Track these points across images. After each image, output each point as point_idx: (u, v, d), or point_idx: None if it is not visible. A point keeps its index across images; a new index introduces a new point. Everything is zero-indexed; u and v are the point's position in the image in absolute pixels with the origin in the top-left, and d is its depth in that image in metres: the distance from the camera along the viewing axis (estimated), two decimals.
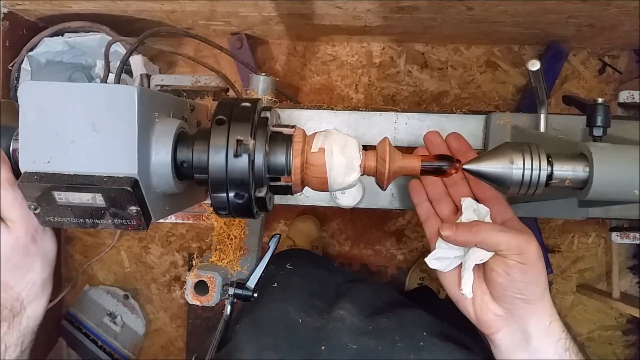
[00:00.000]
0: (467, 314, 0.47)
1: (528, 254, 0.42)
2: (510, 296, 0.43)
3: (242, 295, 0.56)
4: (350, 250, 1.37)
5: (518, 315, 0.44)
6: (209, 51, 1.28)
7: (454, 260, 0.48)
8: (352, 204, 0.66)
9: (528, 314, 0.44)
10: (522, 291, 0.43)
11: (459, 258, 0.47)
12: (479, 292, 0.46)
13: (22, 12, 1.06)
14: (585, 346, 1.36)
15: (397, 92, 1.28)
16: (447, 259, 0.48)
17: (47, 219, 0.41)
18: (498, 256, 0.43)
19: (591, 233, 1.31)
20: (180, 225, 1.40)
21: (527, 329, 0.44)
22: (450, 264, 0.48)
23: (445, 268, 0.48)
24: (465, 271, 0.46)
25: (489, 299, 0.46)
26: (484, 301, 0.46)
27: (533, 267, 0.42)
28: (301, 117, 0.68)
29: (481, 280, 0.46)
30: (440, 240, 0.46)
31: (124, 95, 0.37)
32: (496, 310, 0.45)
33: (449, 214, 0.51)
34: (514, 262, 0.42)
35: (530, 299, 0.43)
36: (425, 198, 0.53)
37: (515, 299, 0.43)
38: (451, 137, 0.53)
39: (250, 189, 0.40)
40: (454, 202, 0.51)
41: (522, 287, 0.43)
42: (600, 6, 0.87)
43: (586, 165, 0.42)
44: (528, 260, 0.42)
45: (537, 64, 0.49)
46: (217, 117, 0.40)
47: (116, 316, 1.41)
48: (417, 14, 0.98)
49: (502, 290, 0.44)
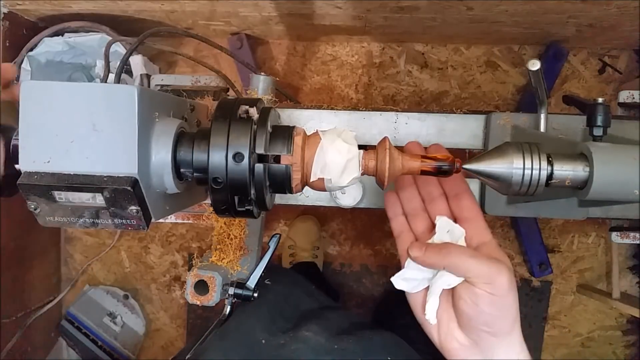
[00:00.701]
0: (432, 339, 0.45)
1: (498, 284, 0.39)
2: (476, 328, 0.41)
3: (242, 295, 0.56)
4: (350, 250, 1.37)
5: (483, 348, 0.42)
6: (209, 51, 1.28)
7: (422, 281, 0.45)
8: (352, 204, 0.66)
9: (494, 347, 0.41)
10: (489, 323, 0.40)
11: (427, 280, 0.45)
12: (445, 318, 0.44)
13: (22, 12, 1.06)
14: (585, 346, 1.36)
15: (397, 92, 1.28)
16: (414, 280, 0.45)
17: (47, 219, 0.41)
18: (467, 283, 0.41)
19: (591, 233, 1.31)
20: (180, 225, 1.40)
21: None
22: (418, 285, 0.45)
23: (412, 289, 0.46)
24: (431, 295, 0.44)
25: (455, 326, 0.43)
26: (449, 328, 0.43)
27: (502, 299, 0.40)
28: (301, 117, 0.68)
29: (449, 305, 0.44)
30: (410, 259, 0.44)
31: (124, 95, 0.37)
32: (461, 339, 0.43)
33: (424, 231, 0.48)
34: (482, 292, 0.40)
35: (497, 332, 0.41)
36: (401, 212, 0.50)
37: (482, 331, 0.41)
38: (432, 148, 0.50)
39: (250, 188, 0.40)
40: (430, 219, 0.48)
41: (489, 319, 0.40)
42: (600, 6, 0.87)
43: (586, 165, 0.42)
44: (497, 291, 0.39)
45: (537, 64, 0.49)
46: (217, 117, 0.40)
47: (116, 316, 1.41)
48: (417, 14, 0.98)
49: (468, 320, 0.41)
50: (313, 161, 0.41)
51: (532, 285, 1.33)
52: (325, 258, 1.37)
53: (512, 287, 0.40)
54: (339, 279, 1.38)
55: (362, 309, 1.38)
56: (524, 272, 1.33)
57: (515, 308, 0.41)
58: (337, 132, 0.42)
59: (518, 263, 1.33)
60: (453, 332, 0.43)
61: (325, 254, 1.37)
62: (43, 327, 1.36)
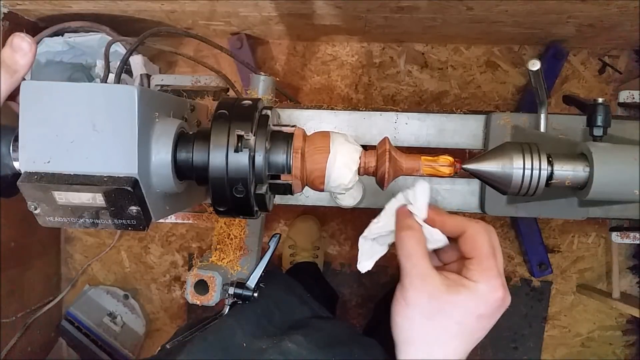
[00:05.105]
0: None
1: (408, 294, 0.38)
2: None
3: (242, 295, 0.56)
4: (350, 250, 1.37)
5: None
6: (209, 51, 1.28)
7: (380, 252, 0.44)
8: (352, 204, 0.66)
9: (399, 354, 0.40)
10: (394, 330, 0.39)
11: (383, 250, 0.44)
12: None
13: (22, 12, 1.06)
14: (585, 346, 1.36)
15: (397, 92, 1.28)
16: (372, 254, 0.44)
17: (47, 219, 0.41)
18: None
19: (591, 233, 1.31)
20: (180, 225, 1.40)
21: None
22: (374, 255, 0.44)
23: (372, 263, 0.45)
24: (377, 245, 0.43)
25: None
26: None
27: (406, 310, 0.38)
28: (301, 117, 0.68)
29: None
30: (362, 238, 0.43)
31: (124, 95, 0.37)
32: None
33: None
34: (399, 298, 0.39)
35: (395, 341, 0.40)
36: None
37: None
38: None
39: (250, 186, 0.40)
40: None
41: (394, 326, 0.39)
42: (600, 6, 0.87)
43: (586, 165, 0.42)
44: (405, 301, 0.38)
45: (537, 64, 0.49)
46: (218, 114, 0.40)
47: (116, 316, 1.41)
48: (417, 14, 0.98)
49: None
50: (316, 171, 0.42)
51: (532, 285, 1.33)
52: (326, 258, 1.37)
53: (401, 312, 0.39)
54: (339, 279, 1.38)
55: (362, 309, 1.39)
56: (524, 272, 1.33)
57: (405, 330, 0.39)
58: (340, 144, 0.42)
59: (518, 263, 1.33)
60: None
61: (325, 254, 1.37)
62: (43, 327, 1.36)
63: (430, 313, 0.37)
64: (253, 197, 0.41)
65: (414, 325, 0.38)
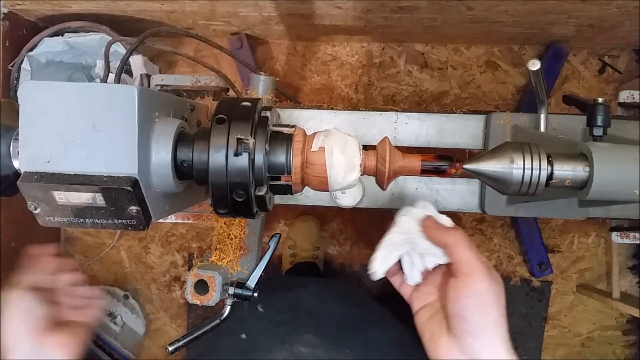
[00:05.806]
0: (422, 339, 0.44)
1: (477, 278, 0.40)
2: (456, 326, 0.41)
3: (242, 295, 0.56)
4: (350, 250, 1.37)
5: (462, 346, 0.40)
6: (209, 51, 1.28)
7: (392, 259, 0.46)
8: (352, 204, 0.66)
9: (473, 346, 0.40)
10: (468, 320, 0.40)
11: (396, 257, 0.46)
12: (436, 321, 0.43)
13: (22, 12, 1.06)
14: (585, 346, 1.36)
15: (397, 92, 1.28)
16: (386, 261, 0.46)
17: (47, 219, 0.41)
18: (453, 278, 0.41)
19: (591, 233, 1.31)
20: (180, 225, 1.40)
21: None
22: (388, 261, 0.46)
23: (386, 269, 0.46)
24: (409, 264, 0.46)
25: (443, 327, 0.43)
26: (440, 329, 0.43)
27: (482, 296, 0.40)
28: (301, 117, 0.68)
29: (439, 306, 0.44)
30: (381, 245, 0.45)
31: (124, 95, 0.37)
32: (444, 339, 0.42)
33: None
34: (462, 284, 0.40)
35: (474, 331, 0.40)
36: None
37: (461, 329, 0.40)
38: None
39: (250, 188, 0.40)
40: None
41: (468, 315, 0.40)
42: (600, 6, 0.87)
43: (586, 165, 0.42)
44: (476, 284, 0.40)
45: (537, 64, 0.49)
46: (218, 116, 0.40)
47: (116, 316, 1.41)
48: (417, 14, 0.98)
49: (450, 318, 0.41)
50: (316, 170, 0.42)
51: (532, 285, 1.33)
52: (326, 258, 1.37)
53: (491, 288, 0.40)
54: (339, 279, 1.38)
55: None
56: (524, 272, 1.33)
57: (496, 310, 0.40)
58: (340, 143, 0.42)
59: (518, 263, 1.33)
60: (440, 332, 0.43)
61: (325, 254, 1.37)
62: None
63: (498, 297, 0.40)
64: (253, 199, 0.41)
65: (496, 303, 0.40)
